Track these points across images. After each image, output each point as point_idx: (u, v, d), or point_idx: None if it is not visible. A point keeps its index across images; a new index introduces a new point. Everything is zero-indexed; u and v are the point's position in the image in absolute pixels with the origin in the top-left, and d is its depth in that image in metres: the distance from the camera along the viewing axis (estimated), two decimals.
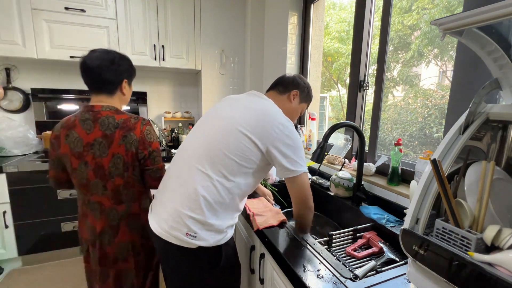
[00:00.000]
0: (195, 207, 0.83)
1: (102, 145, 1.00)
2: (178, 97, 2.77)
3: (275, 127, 0.87)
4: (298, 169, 0.89)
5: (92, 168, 1.01)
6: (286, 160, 0.87)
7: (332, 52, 4.73)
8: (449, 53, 2.52)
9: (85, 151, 1.00)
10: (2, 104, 2.20)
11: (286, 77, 1.08)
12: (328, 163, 1.63)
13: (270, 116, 0.89)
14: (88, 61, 1.01)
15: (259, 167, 0.90)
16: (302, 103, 1.09)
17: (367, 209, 1.15)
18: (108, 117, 1.01)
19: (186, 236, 0.82)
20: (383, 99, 1.38)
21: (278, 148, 0.86)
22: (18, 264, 2.02)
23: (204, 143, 0.89)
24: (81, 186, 1.04)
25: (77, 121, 1.01)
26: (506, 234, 0.46)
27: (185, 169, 0.89)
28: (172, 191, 0.90)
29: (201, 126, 0.97)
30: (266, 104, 0.95)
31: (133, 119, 1.06)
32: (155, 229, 0.88)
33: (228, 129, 0.88)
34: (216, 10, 2.40)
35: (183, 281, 0.93)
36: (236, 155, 0.85)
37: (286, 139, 0.87)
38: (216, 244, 0.87)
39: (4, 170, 1.80)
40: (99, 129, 1.00)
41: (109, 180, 1.03)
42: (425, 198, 0.57)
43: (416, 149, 2.21)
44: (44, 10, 1.94)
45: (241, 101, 0.98)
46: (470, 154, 0.60)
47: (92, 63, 1.01)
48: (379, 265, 0.81)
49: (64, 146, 1.01)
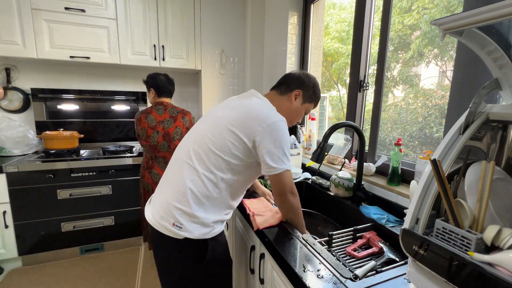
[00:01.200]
0: (182, 199, 0.87)
1: (170, 121, 1.76)
2: (178, 97, 2.77)
3: (261, 122, 0.87)
4: (279, 166, 0.88)
5: (162, 134, 1.74)
6: (268, 156, 0.87)
7: (332, 52, 4.73)
8: (449, 53, 2.52)
9: (157, 125, 1.73)
10: (2, 104, 2.20)
11: (291, 75, 1.06)
12: (328, 163, 1.63)
13: (257, 112, 0.90)
14: (164, 78, 1.82)
15: (247, 164, 0.91)
16: (306, 103, 1.06)
17: (367, 209, 1.15)
18: (172, 107, 1.81)
19: (173, 226, 0.86)
20: (383, 99, 1.38)
21: (262, 143, 0.87)
22: (18, 264, 2.02)
23: (195, 140, 0.94)
24: (151, 146, 1.75)
25: (153, 109, 1.76)
26: (506, 234, 0.46)
27: (177, 163, 0.94)
28: (165, 184, 0.96)
29: (197, 125, 1.02)
30: (258, 102, 0.96)
31: (185, 110, 1.86)
32: (148, 219, 0.94)
33: (216, 126, 0.91)
34: (216, 10, 2.40)
35: (171, 271, 0.96)
36: (222, 151, 0.88)
37: (271, 135, 0.87)
38: (202, 237, 0.89)
39: (4, 170, 1.80)
40: (168, 113, 1.78)
41: (172, 142, 1.76)
42: (425, 198, 0.58)
43: (416, 149, 2.21)
44: (44, 10, 1.94)
45: (235, 100, 1.00)
46: (470, 154, 0.60)
47: (168, 80, 1.84)
48: (379, 265, 0.81)
49: (144, 123, 1.73)
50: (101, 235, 2.17)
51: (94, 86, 2.47)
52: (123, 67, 2.39)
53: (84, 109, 2.42)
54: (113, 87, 2.54)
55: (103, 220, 2.13)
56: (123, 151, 2.25)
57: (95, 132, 2.48)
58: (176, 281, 0.96)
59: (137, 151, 2.28)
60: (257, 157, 0.90)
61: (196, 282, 0.95)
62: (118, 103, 2.52)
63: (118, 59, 2.17)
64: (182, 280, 0.94)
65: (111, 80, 2.53)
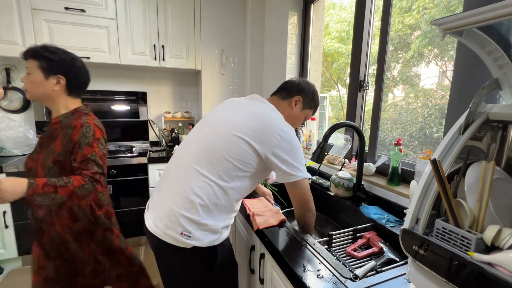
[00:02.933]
0: (190, 207, 0.84)
1: None
2: (178, 97, 2.77)
3: (276, 134, 0.87)
4: (297, 174, 0.89)
5: None
6: (285, 165, 0.88)
7: (332, 52, 4.72)
8: (449, 53, 2.52)
9: None
10: (2, 104, 2.20)
11: (291, 82, 1.07)
12: (328, 163, 1.63)
13: (271, 122, 0.89)
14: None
15: (256, 171, 0.91)
16: (305, 109, 1.07)
17: (367, 209, 1.15)
18: None
19: (181, 235, 0.83)
20: (383, 99, 1.38)
21: (277, 154, 0.87)
22: (18, 264, 2.02)
23: (204, 145, 0.90)
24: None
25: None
26: (506, 234, 0.46)
27: (183, 169, 0.90)
28: (169, 190, 0.91)
29: (201, 128, 0.98)
30: (267, 110, 0.95)
31: None
32: (150, 227, 0.89)
33: (229, 133, 0.88)
34: (216, 10, 2.40)
35: (179, 282, 0.93)
36: (235, 159, 0.86)
37: (286, 146, 0.87)
38: (211, 244, 0.87)
39: (4, 170, 1.80)
40: None
41: None
42: (425, 198, 0.57)
43: (416, 149, 2.21)
44: (44, 10, 1.94)
45: (242, 105, 0.98)
46: (470, 154, 0.60)
47: None
48: (379, 265, 0.81)
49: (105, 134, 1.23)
50: None
51: (94, 86, 2.47)
52: (123, 67, 2.39)
53: None
54: (113, 87, 2.53)
55: None
56: (123, 151, 2.25)
57: None
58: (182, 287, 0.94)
59: (137, 151, 2.28)
60: (269, 165, 0.90)
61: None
62: (118, 103, 2.52)
63: (118, 59, 2.17)
64: (189, 287, 0.93)
65: (111, 80, 2.53)
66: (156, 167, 2.19)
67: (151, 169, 2.17)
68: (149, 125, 2.63)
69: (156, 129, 2.57)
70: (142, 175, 2.15)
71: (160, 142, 2.55)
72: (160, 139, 2.54)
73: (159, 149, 2.47)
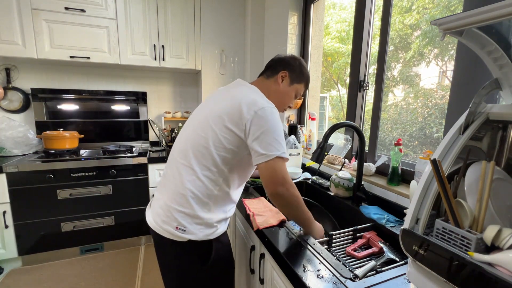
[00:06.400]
0: (183, 201, 0.86)
1: None
2: (178, 97, 2.77)
3: (251, 110, 0.84)
4: (270, 152, 0.81)
5: None
6: (257, 142, 0.81)
7: (332, 52, 4.72)
8: (449, 53, 2.52)
9: None
10: (2, 104, 2.20)
11: (275, 59, 1.04)
12: (328, 163, 1.63)
13: (246, 100, 0.86)
14: None
15: (243, 156, 0.89)
16: (294, 83, 1.02)
17: (367, 209, 1.15)
18: None
19: (176, 230, 0.86)
20: (383, 99, 1.38)
21: (251, 131, 0.82)
22: (18, 264, 2.02)
23: (187, 139, 0.93)
24: None
25: None
26: (506, 234, 0.46)
27: (174, 166, 0.93)
28: (164, 187, 0.95)
29: (188, 123, 1.00)
30: (246, 91, 0.93)
31: None
32: (150, 223, 0.93)
33: (206, 122, 0.89)
34: (216, 10, 2.40)
35: (176, 275, 0.95)
36: (217, 147, 0.86)
37: (259, 121, 0.82)
38: (206, 238, 0.88)
39: (4, 170, 1.80)
40: None
41: None
42: (425, 198, 0.57)
43: (416, 149, 2.20)
44: (44, 10, 1.94)
45: (224, 92, 0.98)
46: (470, 154, 0.60)
47: None
48: (379, 265, 0.81)
49: None
50: (101, 235, 2.16)
51: (94, 86, 2.47)
52: (123, 67, 2.39)
53: (84, 109, 2.42)
54: (113, 87, 2.54)
55: (103, 220, 2.13)
56: (123, 151, 2.25)
57: (95, 132, 2.48)
58: (180, 283, 0.95)
59: (137, 151, 2.28)
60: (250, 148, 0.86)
61: (200, 283, 0.94)
62: (118, 103, 2.52)
63: (118, 59, 2.17)
64: (185, 282, 0.94)
65: (111, 80, 2.53)
66: (156, 167, 2.19)
67: (151, 169, 2.17)
68: (149, 125, 2.63)
69: (156, 129, 2.57)
70: (142, 175, 2.16)
71: (160, 142, 2.55)
72: (160, 139, 2.54)
73: (159, 149, 2.47)
